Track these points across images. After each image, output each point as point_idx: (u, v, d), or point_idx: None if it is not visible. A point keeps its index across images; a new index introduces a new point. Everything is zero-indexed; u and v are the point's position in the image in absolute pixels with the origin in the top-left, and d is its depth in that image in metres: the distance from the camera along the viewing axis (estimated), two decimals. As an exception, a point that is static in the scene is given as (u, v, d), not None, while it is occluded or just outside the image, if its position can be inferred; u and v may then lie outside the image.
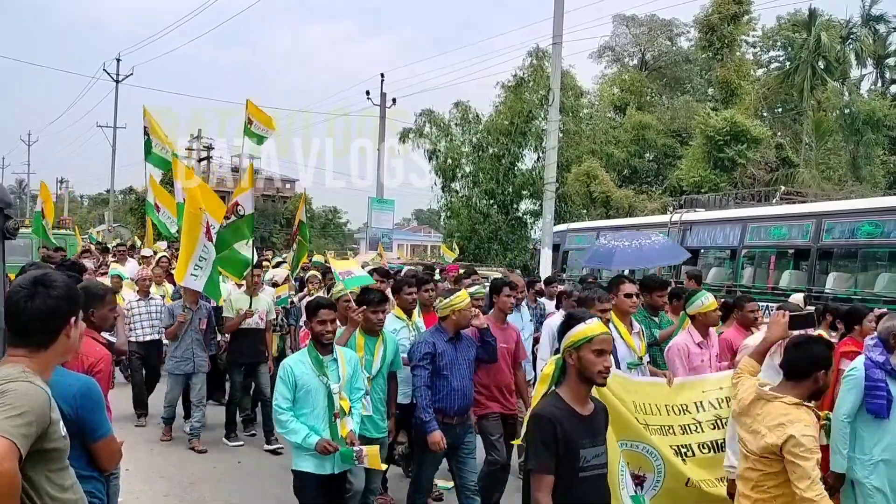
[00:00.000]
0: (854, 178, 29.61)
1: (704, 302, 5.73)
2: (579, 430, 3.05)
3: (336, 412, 4.46)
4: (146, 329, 8.73)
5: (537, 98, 30.15)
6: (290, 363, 4.53)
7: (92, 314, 3.92)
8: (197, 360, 7.69)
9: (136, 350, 8.61)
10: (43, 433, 2.14)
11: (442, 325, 5.26)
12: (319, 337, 4.53)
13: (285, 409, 4.41)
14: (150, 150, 14.16)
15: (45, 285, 2.38)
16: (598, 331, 3.08)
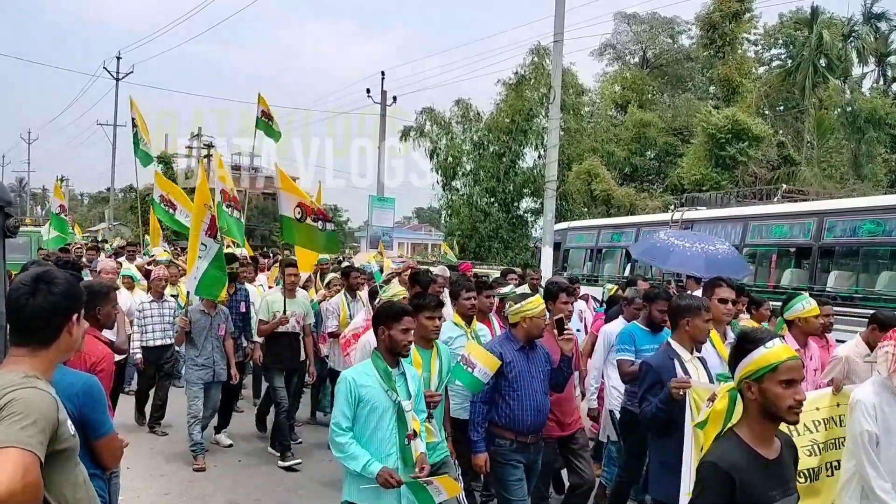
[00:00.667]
0: (856, 176, 29.58)
1: (805, 306, 5.21)
2: (766, 479, 2.50)
3: (409, 433, 3.86)
4: (157, 333, 8.23)
5: (538, 96, 30.15)
6: (353, 376, 3.88)
7: (98, 311, 4.01)
8: (217, 369, 7.17)
9: (148, 355, 8.20)
10: (54, 436, 2.13)
11: (512, 332, 4.78)
12: (398, 347, 3.93)
13: (345, 430, 3.76)
14: (138, 145, 13.92)
15: (47, 282, 2.37)
16: (784, 355, 2.49)
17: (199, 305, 7.21)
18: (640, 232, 15.87)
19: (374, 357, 3.98)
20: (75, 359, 3.34)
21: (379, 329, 3.99)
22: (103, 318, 4.12)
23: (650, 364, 4.29)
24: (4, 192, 3.42)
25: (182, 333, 7.13)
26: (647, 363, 4.34)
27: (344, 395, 3.81)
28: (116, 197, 48.94)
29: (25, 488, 1.94)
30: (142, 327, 8.16)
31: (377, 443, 3.79)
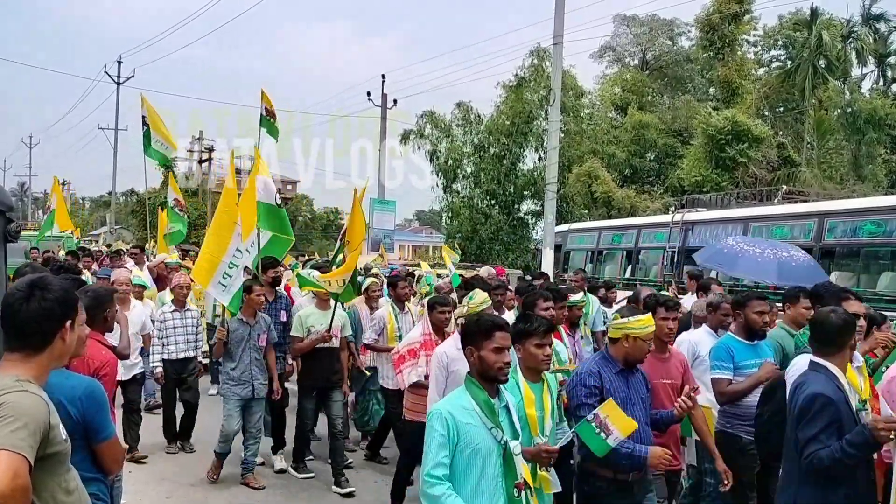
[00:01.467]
0: (856, 177, 29.58)
1: None
2: None
3: (519, 482, 3.14)
4: (181, 345, 7.56)
5: (538, 98, 30.18)
6: (449, 410, 3.10)
7: (107, 315, 4.09)
8: (256, 384, 6.52)
9: (170, 369, 7.50)
10: (44, 439, 2.14)
11: (610, 351, 4.07)
12: (492, 371, 3.19)
13: (441, 479, 2.99)
14: (149, 144, 12.99)
15: (42, 288, 2.39)
16: None
17: (240, 313, 6.67)
18: (640, 234, 15.88)
19: (468, 385, 3.23)
20: (79, 363, 3.35)
21: (467, 350, 3.31)
22: (110, 321, 4.17)
23: (828, 398, 3.47)
24: (5, 196, 3.44)
25: (220, 345, 6.49)
26: (824, 396, 3.47)
27: (439, 433, 3.04)
28: (118, 201, 48.98)
29: (14, 491, 1.95)
30: (163, 339, 7.51)
31: (482, 495, 3.07)
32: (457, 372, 4.58)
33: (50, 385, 2.42)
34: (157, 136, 12.82)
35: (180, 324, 7.63)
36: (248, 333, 6.54)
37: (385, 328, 7.13)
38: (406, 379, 5.62)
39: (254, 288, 6.56)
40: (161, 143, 12.90)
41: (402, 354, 5.78)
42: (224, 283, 6.63)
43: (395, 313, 7.22)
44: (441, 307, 5.82)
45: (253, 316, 6.61)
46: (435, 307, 5.82)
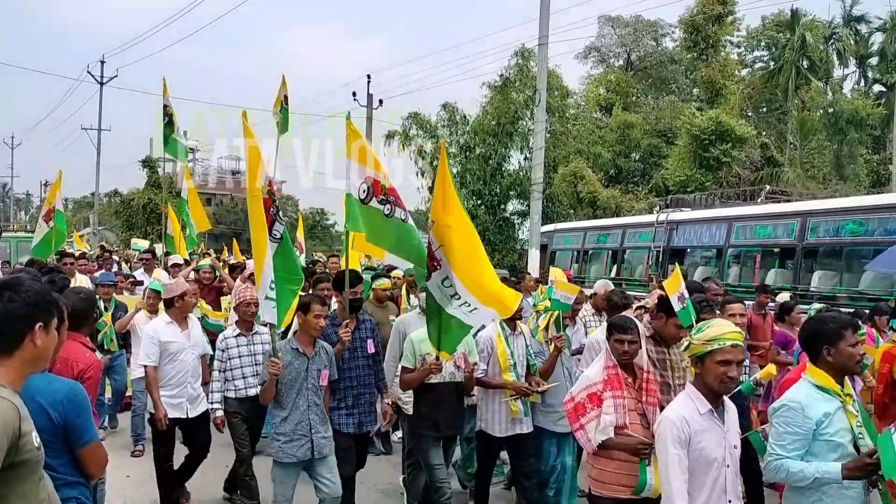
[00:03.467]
0: (838, 176, 29.87)
1: None
2: None
3: None
4: (249, 379, 5.87)
5: (523, 98, 30.21)
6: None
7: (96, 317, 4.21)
8: (317, 438, 4.88)
9: (237, 409, 5.85)
10: (13, 446, 2.09)
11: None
12: None
13: None
14: (170, 134, 11.28)
15: (12, 289, 2.35)
16: None
17: (292, 340, 5.03)
18: (625, 233, 15.95)
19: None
20: (62, 366, 3.32)
21: None
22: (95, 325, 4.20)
23: None
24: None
25: (272, 384, 4.82)
26: None
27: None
28: (101, 202, 48.57)
29: None
30: (225, 371, 5.86)
31: None
32: None
33: (31, 388, 2.39)
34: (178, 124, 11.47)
35: (247, 352, 5.96)
36: (306, 369, 4.89)
37: (493, 355, 5.48)
38: (592, 437, 3.98)
39: (312, 307, 4.90)
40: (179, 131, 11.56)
41: (580, 402, 4.12)
42: (271, 298, 5.00)
43: (505, 335, 5.53)
44: (623, 333, 4.10)
45: (311, 345, 4.97)
46: (615, 332, 4.14)
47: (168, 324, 5.93)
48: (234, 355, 5.92)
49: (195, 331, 6.12)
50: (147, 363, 5.81)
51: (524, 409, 5.39)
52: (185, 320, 6.01)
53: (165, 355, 5.84)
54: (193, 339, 6.03)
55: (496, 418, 5.41)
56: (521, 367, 5.46)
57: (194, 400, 5.95)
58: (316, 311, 4.88)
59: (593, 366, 4.29)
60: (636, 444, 3.86)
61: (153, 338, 5.81)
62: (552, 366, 5.51)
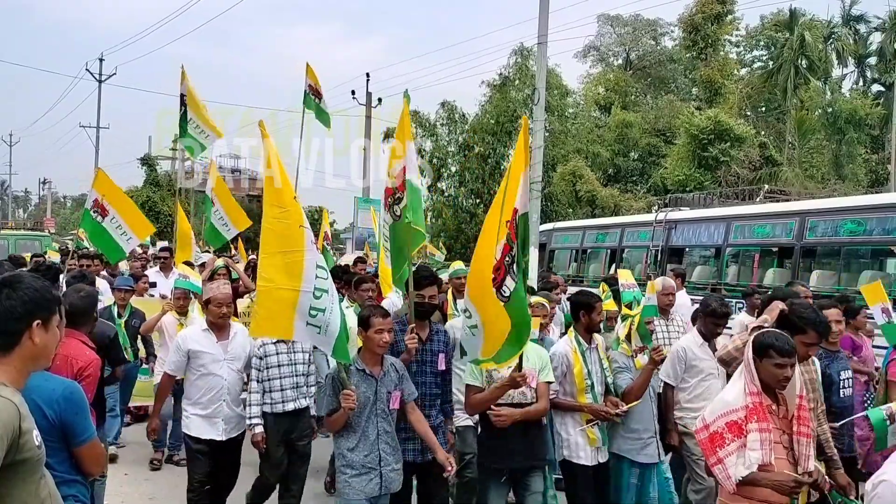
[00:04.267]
0: (836, 176, 29.90)
1: None
2: None
3: None
4: (288, 391, 5.23)
5: (522, 97, 30.22)
6: None
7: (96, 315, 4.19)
8: (387, 472, 4.21)
9: (274, 427, 5.18)
10: (13, 445, 2.08)
11: None
12: None
13: None
14: (185, 128, 10.39)
15: (11, 287, 2.34)
16: None
17: (357, 360, 4.30)
18: (624, 232, 15.96)
19: None
20: (61, 363, 3.32)
21: None
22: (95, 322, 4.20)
23: None
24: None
25: (343, 417, 4.11)
26: None
27: None
28: (99, 200, 48.48)
29: None
30: (264, 381, 5.18)
31: None
32: None
33: (29, 387, 2.38)
34: (197, 120, 10.38)
35: (287, 360, 5.28)
36: (374, 392, 4.19)
37: (569, 373, 4.78)
38: (732, 473, 3.35)
39: (373, 320, 4.17)
40: (199, 129, 10.37)
41: (718, 432, 3.45)
42: (316, 323, 4.06)
43: (581, 349, 4.80)
44: (787, 357, 3.42)
45: (378, 364, 4.26)
46: (775, 354, 3.41)
47: (204, 331, 5.11)
48: (273, 364, 5.22)
49: (237, 342, 5.17)
50: (166, 369, 5.30)
51: (602, 436, 4.75)
52: (225, 329, 5.15)
53: (196, 368, 5.04)
54: (232, 352, 5.12)
55: (580, 443, 4.74)
56: (599, 387, 4.77)
57: (232, 420, 5.11)
58: (378, 325, 4.12)
59: (730, 388, 3.59)
60: (789, 483, 3.31)
61: (180, 347, 5.07)
62: (645, 383, 4.79)
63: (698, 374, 5.24)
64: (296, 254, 4.04)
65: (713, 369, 5.16)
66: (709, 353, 5.21)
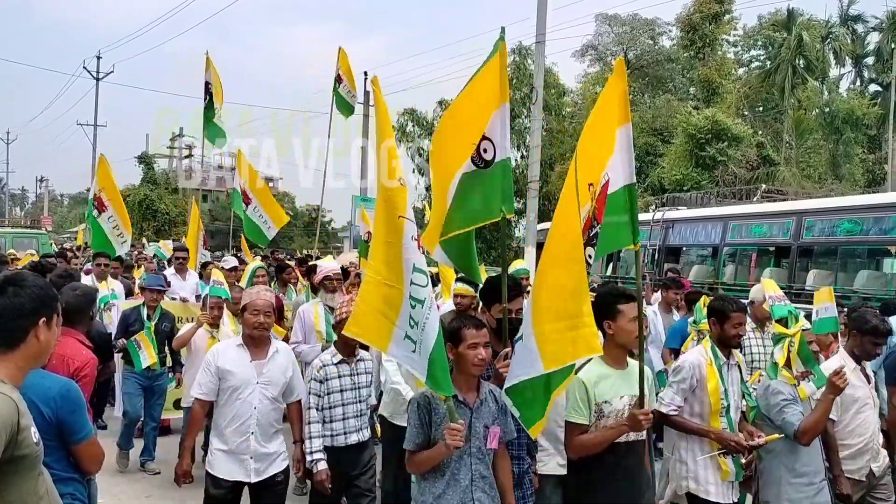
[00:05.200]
0: (833, 176, 29.94)
1: None
2: None
3: None
4: (351, 422, 4.34)
5: (520, 96, 30.22)
6: None
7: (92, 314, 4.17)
8: None
9: (334, 460, 4.25)
10: (11, 441, 2.08)
11: None
12: None
13: None
14: (211, 117, 9.83)
15: (15, 284, 2.35)
16: None
17: None
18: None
19: None
20: (58, 362, 3.31)
21: None
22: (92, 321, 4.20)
23: None
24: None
25: (443, 453, 3.22)
26: None
27: None
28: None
29: None
30: (324, 408, 4.28)
31: None
32: None
33: (25, 385, 2.38)
34: (221, 111, 9.86)
35: (350, 384, 4.36)
36: (469, 427, 3.29)
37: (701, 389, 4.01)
38: None
39: (464, 333, 3.32)
40: (223, 119, 9.90)
41: None
42: (411, 337, 3.29)
43: (718, 364, 4.04)
44: None
45: (474, 389, 3.39)
46: None
47: (238, 347, 4.25)
48: (335, 388, 4.31)
49: (276, 364, 4.25)
50: (195, 394, 4.24)
51: (736, 470, 3.94)
52: (262, 345, 4.26)
53: (223, 390, 4.16)
54: (268, 375, 4.20)
55: (710, 476, 3.94)
56: (735, 412, 4.02)
57: (263, 458, 4.18)
58: (471, 338, 3.31)
59: None
60: None
61: (210, 364, 4.21)
62: (823, 417, 3.96)
63: (852, 403, 4.36)
64: (395, 246, 3.31)
65: (868, 398, 4.43)
66: (863, 379, 4.43)
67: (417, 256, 3.31)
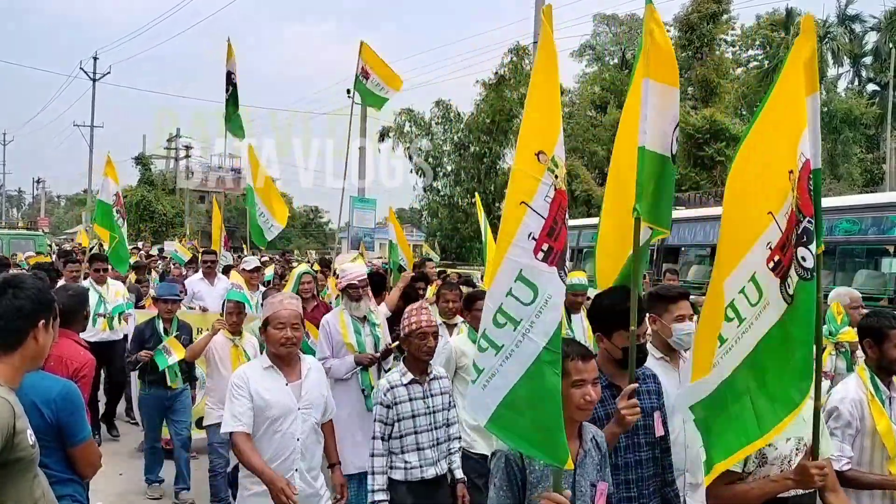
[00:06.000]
0: (832, 175, 29.97)
1: None
2: None
3: None
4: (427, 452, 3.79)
5: (518, 96, 30.23)
6: None
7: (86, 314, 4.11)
8: None
9: (407, 498, 3.73)
10: (7, 444, 2.08)
11: None
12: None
13: None
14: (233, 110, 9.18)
15: (15, 286, 2.35)
16: None
17: None
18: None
19: None
20: (56, 364, 3.31)
21: None
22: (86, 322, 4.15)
23: None
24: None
25: None
26: None
27: None
28: (93, 199, 48.48)
29: None
30: (394, 440, 3.73)
31: None
32: None
33: (23, 386, 2.38)
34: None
35: (424, 408, 3.76)
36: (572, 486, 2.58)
37: (864, 430, 3.42)
38: None
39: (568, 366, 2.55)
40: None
41: None
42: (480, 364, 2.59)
43: (881, 397, 3.44)
44: None
45: (576, 437, 2.67)
46: None
47: (267, 369, 3.59)
48: (406, 414, 3.72)
49: (311, 382, 3.64)
50: (235, 429, 3.46)
51: None
52: (293, 363, 3.63)
53: (260, 423, 3.50)
54: (308, 397, 3.59)
55: None
56: None
57: (310, 499, 3.59)
58: (577, 374, 2.57)
59: None
60: None
61: (241, 388, 3.50)
62: None
63: None
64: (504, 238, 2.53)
65: None
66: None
67: (533, 263, 2.45)
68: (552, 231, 2.47)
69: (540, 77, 2.59)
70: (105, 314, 7.74)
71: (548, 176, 2.46)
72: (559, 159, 2.48)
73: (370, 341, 5.28)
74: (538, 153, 2.46)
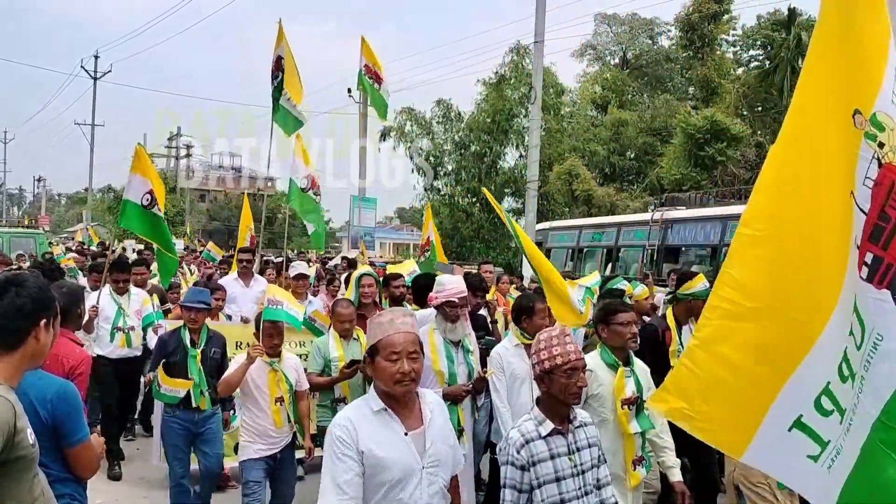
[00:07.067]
0: None
1: None
2: None
3: None
4: None
5: (518, 95, 30.23)
6: None
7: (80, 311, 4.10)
8: None
9: None
10: (8, 443, 2.08)
11: None
12: None
13: None
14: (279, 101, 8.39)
15: (17, 285, 2.34)
16: None
17: None
18: (620, 232, 15.97)
19: None
20: (52, 362, 3.30)
21: None
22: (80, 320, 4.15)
23: None
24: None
25: None
26: None
27: None
28: (94, 197, 48.44)
29: None
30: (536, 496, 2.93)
31: None
32: None
33: (23, 386, 2.37)
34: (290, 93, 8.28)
35: (570, 467, 2.93)
36: None
37: None
38: None
39: None
40: (293, 102, 8.32)
41: None
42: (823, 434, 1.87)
43: None
44: None
45: None
46: None
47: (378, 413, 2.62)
48: (548, 476, 2.92)
49: (437, 428, 2.68)
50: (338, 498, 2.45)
51: None
52: (413, 406, 2.68)
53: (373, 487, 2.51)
54: (435, 452, 2.63)
55: None
56: None
57: None
58: None
59: None
60: None
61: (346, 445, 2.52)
62: None
63: None
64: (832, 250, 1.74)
65: None
66: None
67: (859, 285, 1.66)
68: (876, 232, 1.57)
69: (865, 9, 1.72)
70: (124, 328, 6.76)
71: (866, 147, 1.62)
72: (886, 117, 1.61)
73: (463, 370, 4.55)
74: (854, 113, 1.63)
